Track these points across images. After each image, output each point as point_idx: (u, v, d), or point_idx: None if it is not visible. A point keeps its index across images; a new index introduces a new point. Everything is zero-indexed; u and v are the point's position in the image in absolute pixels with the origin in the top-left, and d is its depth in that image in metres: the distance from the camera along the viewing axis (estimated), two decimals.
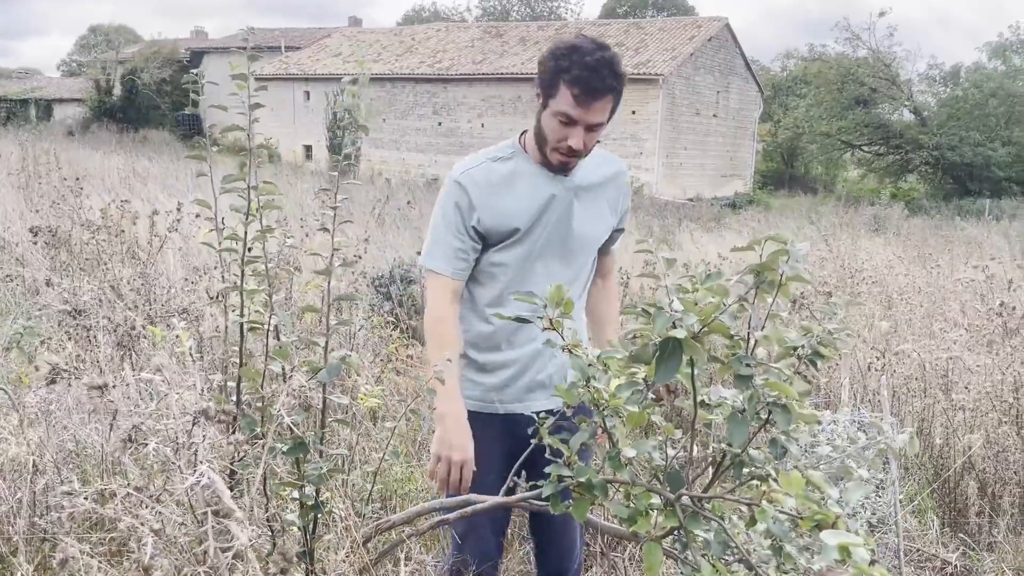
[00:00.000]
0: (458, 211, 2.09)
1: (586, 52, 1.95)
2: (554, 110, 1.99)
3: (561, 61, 1.96)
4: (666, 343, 1.18)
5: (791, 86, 41.89)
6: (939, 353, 4.25)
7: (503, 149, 2.18)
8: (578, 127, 1.99)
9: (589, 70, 1.94)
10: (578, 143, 2.01)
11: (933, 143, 31.59)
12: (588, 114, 1.97)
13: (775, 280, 1.20)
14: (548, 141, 2.05)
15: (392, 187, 19.85)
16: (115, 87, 38.70)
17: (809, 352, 1.28)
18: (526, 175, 2.12)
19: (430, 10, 59.01)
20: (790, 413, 1.23)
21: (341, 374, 1.66)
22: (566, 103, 1.96)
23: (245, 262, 1.59)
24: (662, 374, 1.18)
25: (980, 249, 12.65)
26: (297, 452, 1.56)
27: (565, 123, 1.99)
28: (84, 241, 5.81)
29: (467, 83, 29.33)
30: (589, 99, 1.95)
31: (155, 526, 1.60)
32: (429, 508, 1.74)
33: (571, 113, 1.97)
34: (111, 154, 19.25)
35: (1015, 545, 3.30)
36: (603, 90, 1.96)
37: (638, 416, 1.30)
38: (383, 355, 4.46)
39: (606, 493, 1.41)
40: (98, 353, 3.40)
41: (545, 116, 2.03)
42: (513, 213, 2.09)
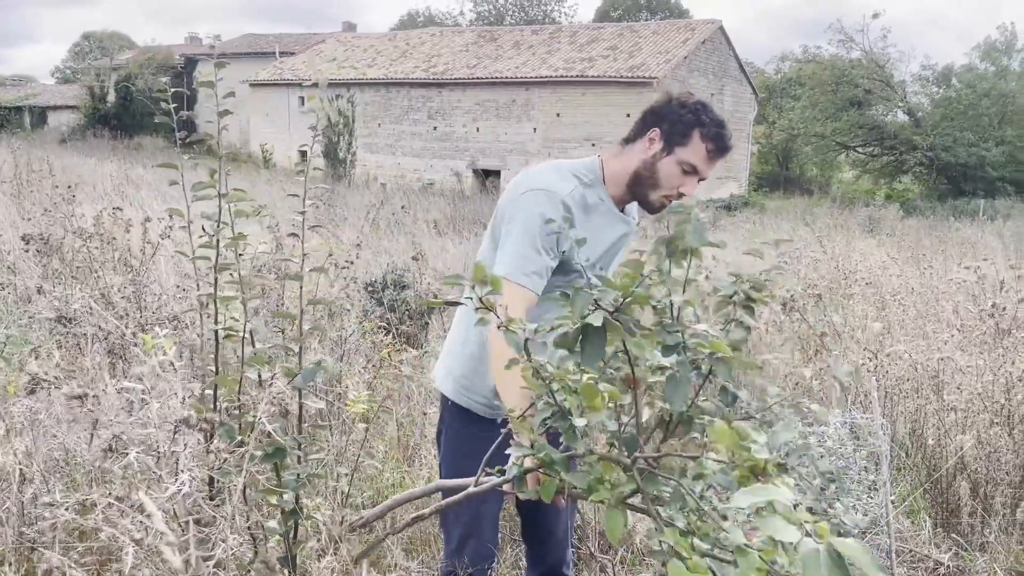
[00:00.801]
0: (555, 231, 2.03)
1: (714, 111, 2.07)
2: (680, 158, 2.05)
3: (700, 115, 2.05)
4: (587, 328, 1.18)
5: (785, 88, 41.97)
6: (931, 354, 4.25)
7: (584, 173, 2.15)
8: (695, 178, 2.08)
9: (723, 128, 2.05)
10: (691, 191, 2.09)
11: (927, 144, 31.65)
12: (709, 167, 2.08)
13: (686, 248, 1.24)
14: (660, 186, 2.09)
15: (387, 192, 19.86)
16: (109, 94, 38.68)
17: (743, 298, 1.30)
18: (603, 210, 2.14)
19: (424, 15, 59.11)
20: (728, 365, 1.25)
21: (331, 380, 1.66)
22: (698, 155, 2.05)
23: (219, 269, 1.59)
24: (587, 359, 1.19)
25: (974, 249, 12.67)
26: (274, 458, 1.56)
27: (687, 172, 2.07)
28: (76, 249, 5.80)
29: (462, 88, 29.34)
30: (719, 156, 2.07)
31: (136, 535, 1.59)
32: (401, 499, 1.74)
33: (699, 166, 2.06)
34: (105, 161, 19.23)
35: (1007, 545, 3.30)
36: (729, 149, 2.08)
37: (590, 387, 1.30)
38: (375, 361, 4.45)
39: (568, 468, 1.41)
40: (86, 361, 3.39)
41: (666, 163, 2.07)
42: (588, 248, 2.08)
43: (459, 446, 2.25)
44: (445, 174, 29.24)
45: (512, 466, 1.54)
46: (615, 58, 27.57)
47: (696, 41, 27.79)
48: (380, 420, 4.00)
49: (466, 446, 2.21)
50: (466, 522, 2.23)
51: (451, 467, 2.24)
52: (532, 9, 54.56)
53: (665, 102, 2.10)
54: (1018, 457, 3.57)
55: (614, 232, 2.15)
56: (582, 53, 28.39)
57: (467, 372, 2.21)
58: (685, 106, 2.06)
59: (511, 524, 3.13)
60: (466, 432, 2.23)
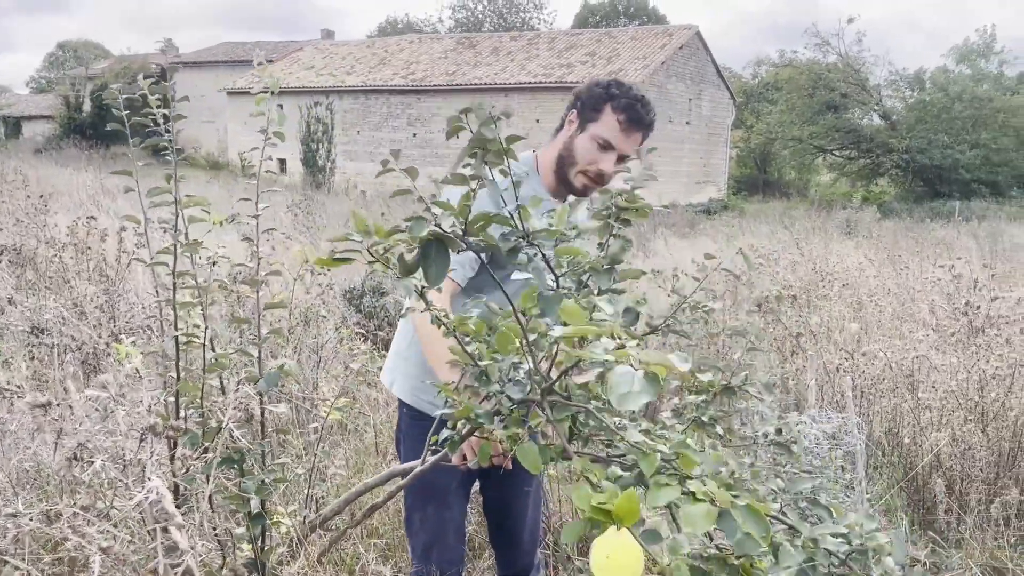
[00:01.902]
0: None
1: (631, 87, 2.08)
2: (593, 133, 2.07)
3: (610, 89, 2.06)
4: (428, 244, 1.18)
5: (763, 92, 42.31)
6: (906, 353, 4.28)
7: (518, 166, 2.15)
8: (612, 153, 2.07)
9: (637, 101, 2.05)
10: (608, 167, 2.07)
11: (903, 146, 31.99)
12: (626, 143, 2.06)
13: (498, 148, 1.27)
14: (577, 163, 2.10)
15: (367, 199, 19.81)
16: (85, 103, 38.37)
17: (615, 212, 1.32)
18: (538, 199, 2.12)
19: (403, 22, 59.08)
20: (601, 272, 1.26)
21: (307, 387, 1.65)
22: (609, 128, 2.05)
23: (178, 275, 1.58)
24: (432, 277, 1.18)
25: (949, 250, 12.80)
26: (234, 463, 1.54)
27: (603, 147, 2.07)
28: (49, 259, 5.73)
29: (441, 94, 29.35)
30: (633, 128, 2.05)
31: (103, 544, 1.57)
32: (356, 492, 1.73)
33: (612, 139, 2.05)
34: (80, 171, 19.06)
35: (982, 541, 3.33)
36: (645, 123, 2.07)
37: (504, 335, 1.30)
38: (352, 368, 4.43)
39: (491, 420, 1.42)
40: (58, 372, 3.35)
41: (581, 139, 2.09)
42: None
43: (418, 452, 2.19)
44: (425, 181, 29.07)
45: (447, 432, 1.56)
46: (594, 64, 27.69)
47: (674, 47, 27.96)
48: (358, 427, 3.98)
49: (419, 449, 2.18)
50: (429, 529, 2.20)
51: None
52: (511, 16, 54.71)
53: (583, 85, 2.14)
54: (992, 454, 3.61)
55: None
56: (561, 59, 28.49)
57: (418, 373, 2.18)
58: (599, 84, 2.10)
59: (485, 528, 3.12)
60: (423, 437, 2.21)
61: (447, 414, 1.48)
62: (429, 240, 1.19)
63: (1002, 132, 31.91)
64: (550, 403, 1.32)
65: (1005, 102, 32.08)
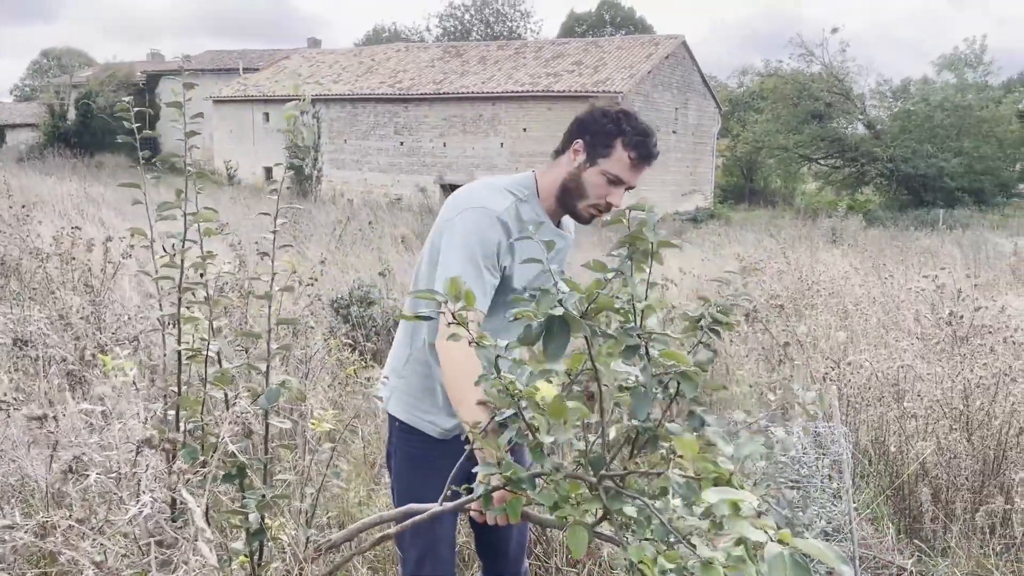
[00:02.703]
0: (497, 248, 2.02)
1: (638, 119, 2.06)
2: (604, 169, 2.06)
3: (621, 124, 2.04)
4: (551, 321, 1.20)
5: (748, 101, 42.57)
6: (892, 362, 4.32)
7: (519, 188, 2.15)
8: (621, 188, 2.08)
9: (647, 136, 2.05)
10: (618, 202, 2.07)
11: (887, 155, 32.25)
12: (635, 177, 2.08)
13: (647, 249, 1.25)
14: (587, 197, 2.09)
15: (354, 208, 19.79)
16: (69, 111, 38.15)
17: (710, 321, 1.32)
18: (541, 224, 2.12)
19: (390, 30, 59.12)
20: (693, 381, 1.26)
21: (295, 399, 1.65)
22: (620, 165, 2.05)
23: (183, 289, 1.58)
24: (551, 353, 1.20)
25: (934, 259, 12.91)
26: (237, 478, 1.54)
27: (612, 182, 2.07)
28: (33, 269, 5.70)
29: (428, 103, 29.37)
30: (643, 164, 2.07)
31: (96, 558, 1.57)
32: (370, 523, 1.73)
33: (622, 175, 2.06)
34: (64, 180, 18.95)
35: (967, 550, 3.36)
36: (654, 157, 2.07)
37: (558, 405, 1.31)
38: (340, 378, 4.43)
39: (534, 486, 1.41)
40: (42, 383, 3.33)
41: (590, 173, 2.07)
42: (525, 268, 2.07)
43: (411, 468, 2.22)
44: (412, 189, 29.21)
45: (479, 485, 1.53)
46: (580, 73, 27.79)
47: (660, 56, 28.11)
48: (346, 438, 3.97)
49: (418, 468, 2.18)
50: (421, 543, 2.20)
51: (404, 491, 2.21)
52: (497, 25, 54.85)
53: (589, 112, 2.11)
54: (977, 462, 3.64)
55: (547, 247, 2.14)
56: (548, 68, 28.58)
57: (414, 391, 2.18)
58: (607, 115, 2.07)
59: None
60: (416, 453, 2.20)
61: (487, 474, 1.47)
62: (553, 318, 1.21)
63: (985, 141, 32.23)
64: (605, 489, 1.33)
65: (989, 111, 32.42)
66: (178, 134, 1.68)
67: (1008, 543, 3.37)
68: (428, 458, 2.15)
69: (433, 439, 2.16)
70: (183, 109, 1.56)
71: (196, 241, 1.61)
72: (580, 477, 1.38)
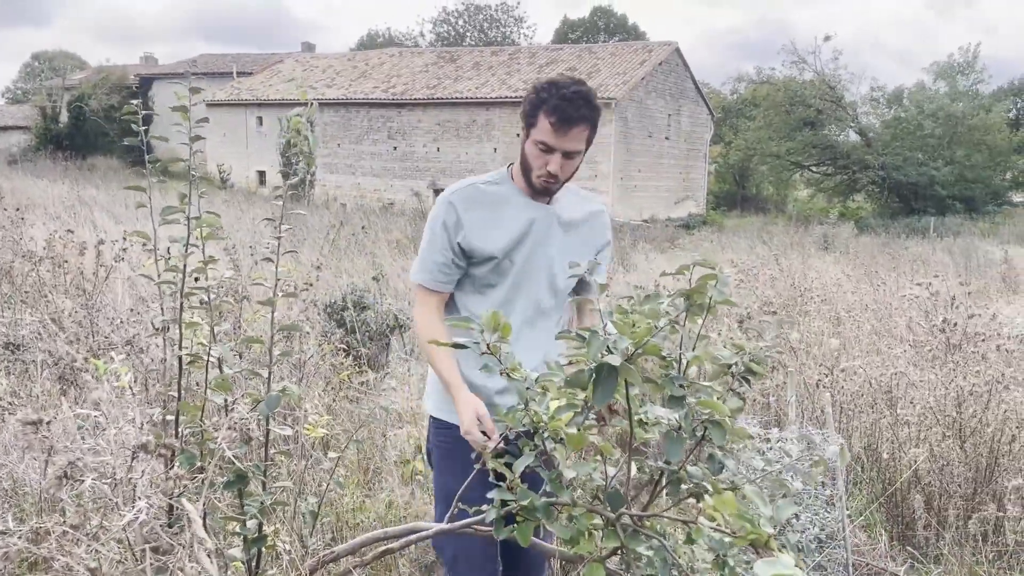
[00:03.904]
0: (445, 229, 2.25)
1: (563, 86, 2.16)
2: (535, 139, 2.18)
3: (541, 94, 2.16)
4: (601, 367, 1.20)
5: (741, 108, 42.70)
6: (884, 369, 4.33)
7: (492, 176, 2.36)
8: (556, 154, 2.18)
9: (566, 101, 2.13)
10: (555, 168, 2.18)
11: (879, 163, 32.38)
12: (564, 141, 2.16)
13: (704, 304, 1.24)
14: (532, 168, 2.23)
15: (347, 212, 19.75)
16: (61, 114, 38.01)
17: (742, 369, 1.31)
18: (512, 200, 2.29)
19: (384, 35, 59.11)
20: (724, 429, 1.26)
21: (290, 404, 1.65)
22: (545, 132, 2.15)
23: (185, 294, 1.57)
24: (599, 397, 1.20)
25: (926, 266, 12.97)
26: (236, 485, 1.53)
27: (544, 151, 2.18)
28: (25, 273, 5.67)
29: (422, 108, 29.38)
30: (565, 127, 2.14)
31: (91, 564, 1.56)
32: (374, 537, 1.73)
33: (548, 141, 2.16)
34: (56, 182, 18.88)
35: (960, 557, 3.36)
36: (577, 119, 2.14)
37: (578, 438, 1.32)
38: (334, 383, 4.41)
39: (550, 516, 1.42)
40: (34, 388, 3.31)
41: (528, 145, 2.22)
42: (495, 237, 2.25)
43: (445, 459, 2.34)
44: (406, 194, 29.19)
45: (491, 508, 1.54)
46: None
47: (653, 63, 28.18)
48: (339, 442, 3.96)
49: (454, 460, 2.27)
50: (455, 543, 2.24)
51: (442, 486, 2.32)
52: (491, 30, 54.93)
53: (526, 92, 2.25)
54: (970, 470, 3.65)
55: (521, 218, 2.28)
56: (541, 74, 28.61)
57: (441, 386, 2.29)
58: (536, 89, 2.20)
59: None
60: (449, 447, 2.30)
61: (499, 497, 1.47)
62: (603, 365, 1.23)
63: (976, 149, 32.39)
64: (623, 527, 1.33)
65: (980, 120, 32.57)
66: (176, 138, 1.68)
67: (1000, 550, 3.38)
68: (462, 451, 2.21)
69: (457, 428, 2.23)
70: (188, 114, 1.56)
71: (197, 245, 1.61)
72: (599, 512, 1.38)
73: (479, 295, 2.30)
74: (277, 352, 1.63)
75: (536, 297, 2.30)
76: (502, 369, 1.39)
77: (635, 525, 1.33)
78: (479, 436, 1.98)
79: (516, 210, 2.28)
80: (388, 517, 3.25)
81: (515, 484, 1.43)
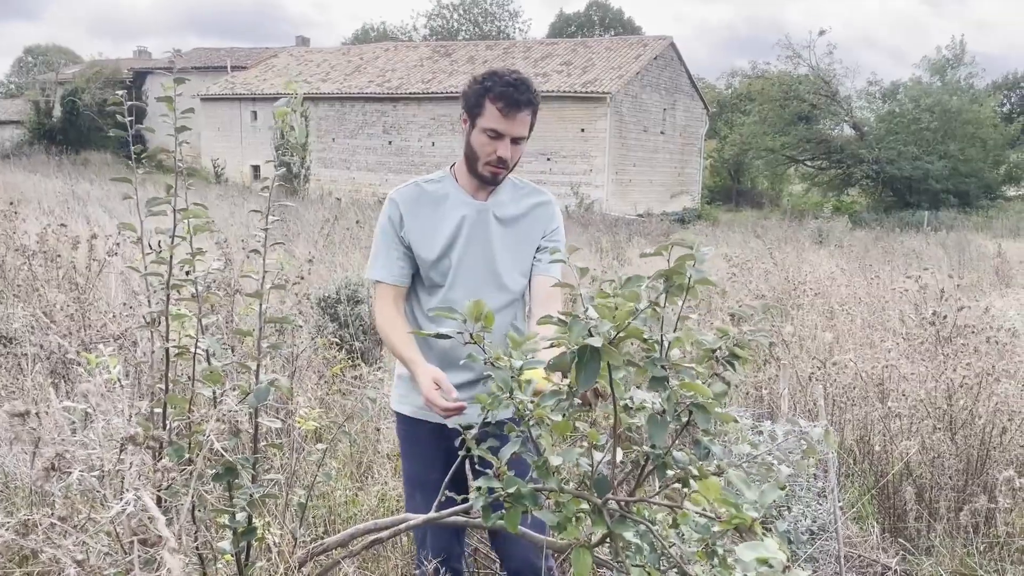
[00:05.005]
0: (391, 223, 2.33)
1: (505, 74, 2.23)
2: (482, 127, 2.22)
3: (485, 83, 2.21)
4: (583, 350, 1.21)
5: (736, 103, 42.72)
6: (876, 362, 4.34)
7: (435, 174, 2.44)
8: (505, 139, 2.22)
9: (511, 86, 2.19)
10: (506, 153, 2.23)
11: (873, 157, 32.43)
12: (512, 126, 2.21)
13: (683, 284, 1.25)
14: (479, 157, 2.27)
15: (342, 206, 19.73)
16: (55, 108, 37.87)
17: (726, 354, 1.32)
18: (449, 198, 2.35)
19: (378, 30, 58.97)
20: (708, 413, 1.26)
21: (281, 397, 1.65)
22: (492, 118, 2.20)
23: (172, 286, 1.57)
24: (583, 381, 1.21)
25: (919, 260, 13.00)
26: (226, 477, 1.53)
27: (493, 137, 2.22)
28: (18, 267, 5.65)
29: (416, 102, 29.34)
30: (513, 111, 2.19)
31: (78, 557, 1.56)
32: (364, 529, 1.73)
33: (497, 127, 2.20)
34: (50, 177, 18.81)
35: (951, 548, 3.38)
36: (524, 103, 2.20)
37: (564, 424, 1.32)
38: (327, 377, 4.41)
39: (536, 502, 1.42)
40: (27, 381, 3.30)
41: (474, 135, 2.26)
42: (431, 237, 2.31)
43: (404, 444, 2.48)
44: None
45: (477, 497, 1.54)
46: (569, 73, 27.81)
47: (648, 57, 28.17)
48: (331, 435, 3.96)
49: (408, 447, 2.45)
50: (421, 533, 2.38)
51: (405, 470, 2.48)
52: (486, 24, 54.84)
53: (465, 86, 2.31)
54: (961, 462, 3.66)
55: (455, 216, 2.33)
56: (536, 68, 28.59)
57: (404, 378, 2.41)
58: (477, 80, 2.26)
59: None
60: (404, 433, 2.46)
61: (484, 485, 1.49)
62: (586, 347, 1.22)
63: (970, 143, 32.46)
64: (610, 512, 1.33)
65: (974, 113, 32.64)
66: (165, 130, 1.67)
67: (991, 542, 3.39)
68: (415, 438, 2.39)
69: (418, 421, 2.37)
70: (173, 104, 1.55)
71: (185, 237, 1.61)
72: (585, 497, 1.38)
73: (427, 295, 2.36)
74: (266, 345, 1.63)
75: (478, 295, 2.30)
76: (486, 359, 1.39)
77: (622, 511, 1.33)
78: (438, 398, 2.02)
79: (451, 208, 2.34)
80: (380, 510, 3.26)
81: (502, 472, 1.43)
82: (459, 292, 2.29)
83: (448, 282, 2.32)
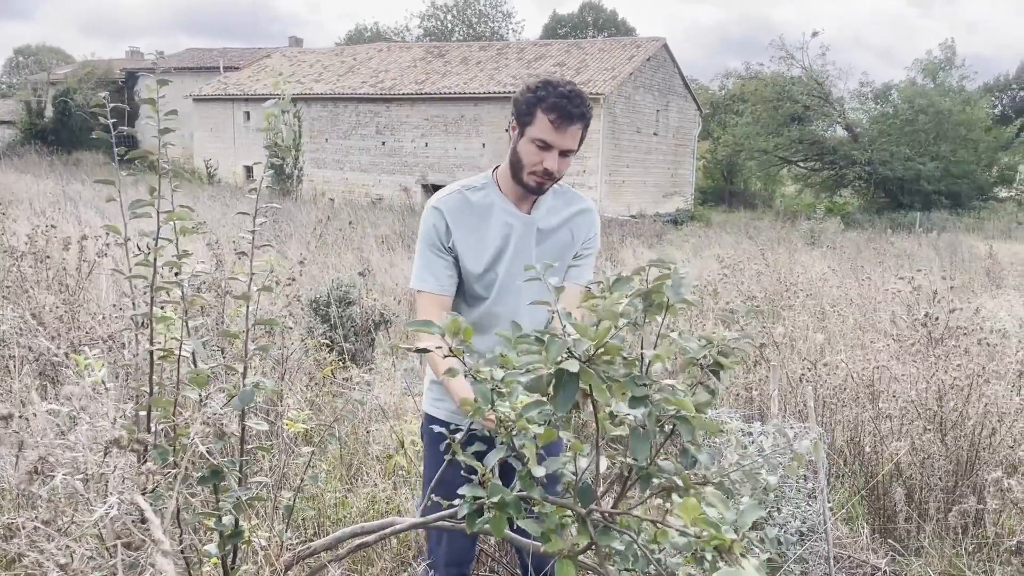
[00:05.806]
0: (436, 232, 2.29)
1: (559, 84, 2.19)
2: (531, 136, 2.18)
3: (538, 92, 2.18)
4: (561, 373, 1.20)
5: (729, 104, 42.79)
6: (866, 363, 4.35)
7: (477, 180, 2.38)
8: (553, 151, 2.19)
9: (564, 98, 2.15)
10: (553, 165, 2.19)
11: (865, 158, 32.51)
12: (563, 139, 2.17)
13: (662, 303, 1.24)
14: (525, 166, 2.23)
15: (335, 207, 19.70)
16: (47, 109, 37.73)
17: (710, 362, 1.31)
18: (494, 209, 2.31)
19: (372, 30, 58.90)
20: (691, 425, 1.25)
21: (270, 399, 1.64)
22: (543, 129, 2.16)
23: (156, 288, 1.56)
24: (560, 404, 1.20)
25: (911, 261, 13.04)
26: (212, 480, 1.52)
27: (541, 147, 2.18)
28: (7, 268, 5.62)
29: (410, 103, 29.30)
30: (565, 124, 2.15)
31: (62, 560, 1.55)
32: (351, 532, 1.72)
33: (547, 138, 2.16)
34: (41, 177, 18.74)
35: (940, 549, 3.39)
36: (576, 116, 2.17)
37: (548, 434, 1.31)
38: (318, 378, 4.40)
39: (520, 510, 1.41)
40: (13, 384, 3.29)
41: (522, 143, 2.22)
42: (478, 251, 2.28)
43: (429, 452, 2.44)
44: (394, 189, 29.13)
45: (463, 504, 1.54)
46: (562, 74, 27.76)
47: (641, 58, 28.19)
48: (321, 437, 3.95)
49: (434, 450, 2.37)
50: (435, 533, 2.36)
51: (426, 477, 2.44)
52: (479, 25, 54.82)
53: (518, 93, 2.26)
54: (950, 463, 3.67)
55: (502, 230, 2.30)
56: (530, 69, 28.59)
57: (430, 387, 2.42)
58: (530, 89, 2.21)
59: None
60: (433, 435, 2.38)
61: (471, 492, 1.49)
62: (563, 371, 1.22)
63: (962, 145, 32.57)
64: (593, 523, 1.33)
65: (966, 115, 32.75)
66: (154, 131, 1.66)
67: (980, 543, 3.40)
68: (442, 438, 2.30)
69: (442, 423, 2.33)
70: (156, 107, 1.54)
71: (172, 240, 1.60)
72: (569, 507, 1.38)
73: (467, 306, 2.34)
74: (254, 347, 1.62)
75: (522, 308, 2.31)
76: (466, 371, 1.39)
77: (605, 521, 1.32)
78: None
79: (497, 220, 2.30)
80: (370, 512, 3.25)
81: (487, 479, 1.43)
82: (502, 307, 2.30)
83: (492, 295, 2.31)
